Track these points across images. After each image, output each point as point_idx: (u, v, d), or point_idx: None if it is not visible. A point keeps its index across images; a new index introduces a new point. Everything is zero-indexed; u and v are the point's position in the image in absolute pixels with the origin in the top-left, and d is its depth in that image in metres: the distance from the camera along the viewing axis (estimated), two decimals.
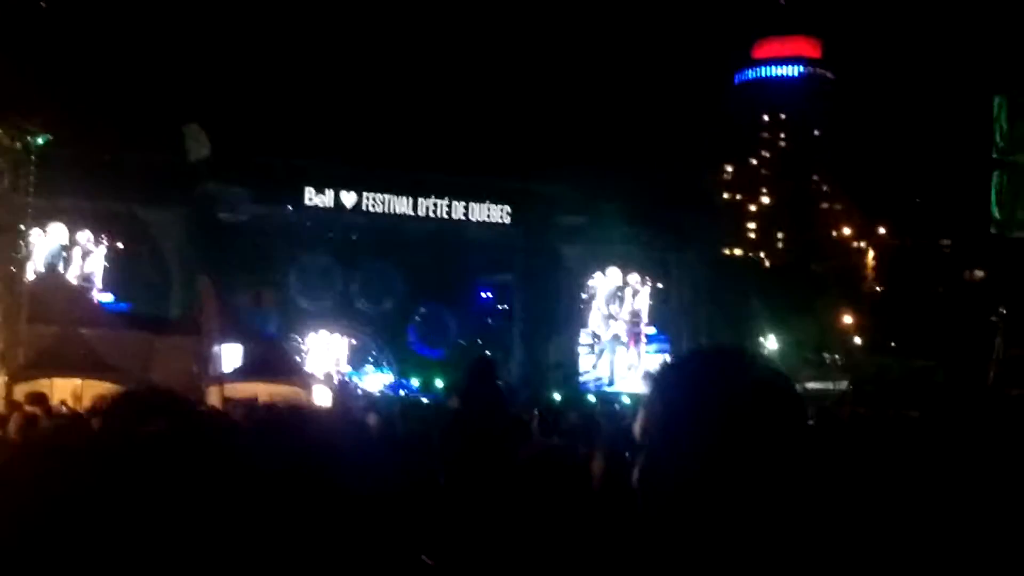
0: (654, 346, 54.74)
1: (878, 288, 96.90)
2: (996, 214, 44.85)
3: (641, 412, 2.11)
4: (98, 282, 45.32)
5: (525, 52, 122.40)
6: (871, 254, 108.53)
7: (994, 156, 44.84)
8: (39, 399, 16.07)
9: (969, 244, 74.99)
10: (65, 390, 25.45)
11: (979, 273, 79.12)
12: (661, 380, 2.13)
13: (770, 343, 72.87)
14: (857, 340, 78.55)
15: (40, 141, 29.69)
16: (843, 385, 65.62)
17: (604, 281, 54.78)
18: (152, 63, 55.31)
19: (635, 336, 55.01)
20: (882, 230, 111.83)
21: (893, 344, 73.52)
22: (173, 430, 2.93)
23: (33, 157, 29.91)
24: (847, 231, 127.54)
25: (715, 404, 1.98)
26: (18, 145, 29.63)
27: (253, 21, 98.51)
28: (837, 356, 74.53)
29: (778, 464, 1.98)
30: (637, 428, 2.10)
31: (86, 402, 21.36)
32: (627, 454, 5.46)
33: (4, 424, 13.06)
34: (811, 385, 66.94)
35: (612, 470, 5.16)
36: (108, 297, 44.03)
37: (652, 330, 55.19)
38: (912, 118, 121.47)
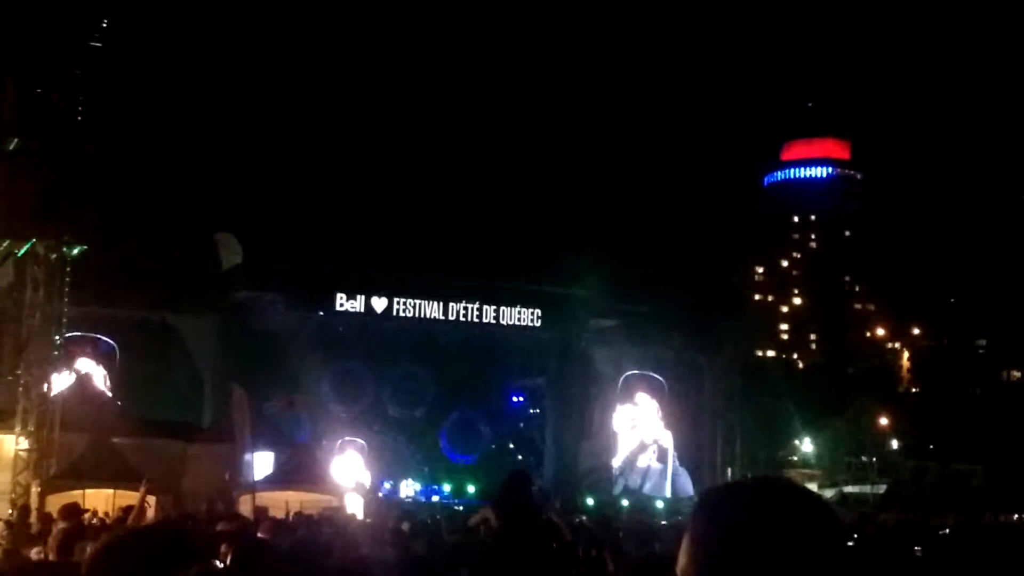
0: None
1: (914, 389, 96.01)
2: None
3: (687, 545, 2.04)
4: (129, 391, 45.30)
5: (557, 157, 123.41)
6: (906, 355, 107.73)
7: None
8: (72, 511, 15.88)
9: (1006, 344, 74.44)
10: (97, 500, 25.34)
11: (1016, 374, 78.42)
12: (709, 514, 2.06)
13: (806, 446, 72.17)
14: (894, 443, 77.69)
15: (75, 251, 29.99)
16: (881, 488, 64.98)
17: (636, 384, 54.51)
18: (184, 173, 55.96)
19: (667, 444, 54.54)
20: (916, 330, 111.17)
21: (931, 446, 72.73)
22: None
23: (68, 267, 30.20)
24: (881, 332, 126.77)
25: (764, 540, 1.94)
26: (53, 256, 29.94)
27: (283, 130, 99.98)
28: (874, 459, 73.67)
29: None
30: (682, 561, 2.03)
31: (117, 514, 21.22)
32: None
33: (39, 540, 12.82)
34: (849, 489, 66.29)
35: None
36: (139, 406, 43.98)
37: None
38: (943, 217, 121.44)
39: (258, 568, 5.82)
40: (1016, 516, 38.73)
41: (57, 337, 31.35)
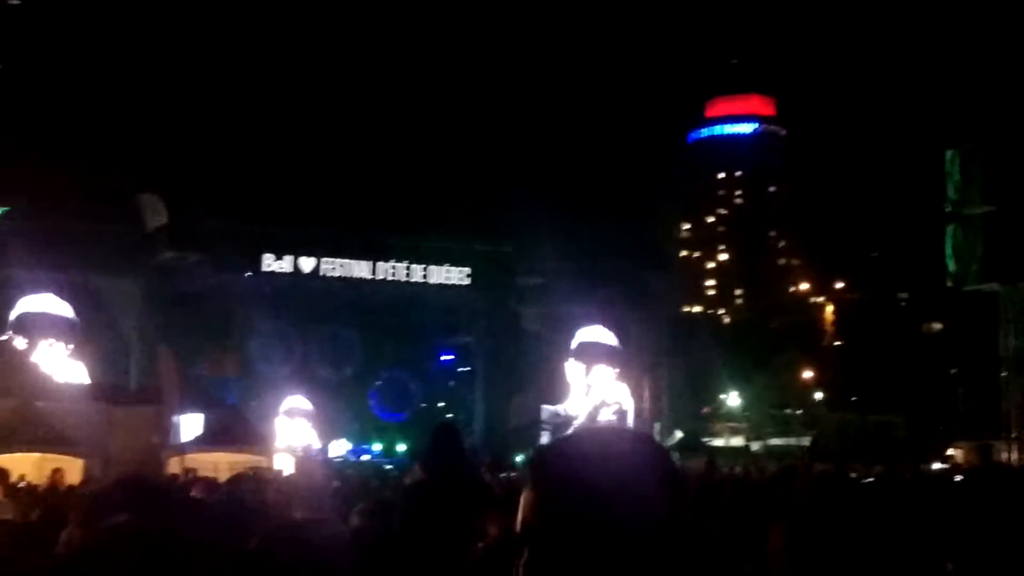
0: (613, 406, 54.53)
1: (837, 343, 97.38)
2: (951, 267, 45.39)
3: (525, 496, 2.01)
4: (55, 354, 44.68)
5: (480, 115, 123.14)
6: (829, 309, 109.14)
7: (947, 210, 45.42)
8: (1, 475, 15.87)
9: (926, 297, 75.78)
10: (25, 465, 25.10)
11: (936, 326, 79.82)
12: (537, 468, 2.05)
13: (732, 400, 73.07)
14: (818, 395, 78.92)
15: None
16: (806, 440, 66.03)
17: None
18: (107, 134, 55.17)
19: (597, 396, 54.77)
20: (840, 284, 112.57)
21: (853, 399, 73.98)
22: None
23: None
24: (805, 286, 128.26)
25: (593, 488, 1.92)
26: None
27: (207, 88, 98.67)
28: (799, 412, 74.80)
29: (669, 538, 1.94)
30: (522, 514, 1.99)
31: (44, 478, 21.11)
32: None
33: None
34: (774, 441, 67.29)
35: None
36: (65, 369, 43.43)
37: (616, 389, 54.82)
38: (866, 173, 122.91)
39: (194, 525, 5.87)
40: (935, 465, 39.63)
41: None
